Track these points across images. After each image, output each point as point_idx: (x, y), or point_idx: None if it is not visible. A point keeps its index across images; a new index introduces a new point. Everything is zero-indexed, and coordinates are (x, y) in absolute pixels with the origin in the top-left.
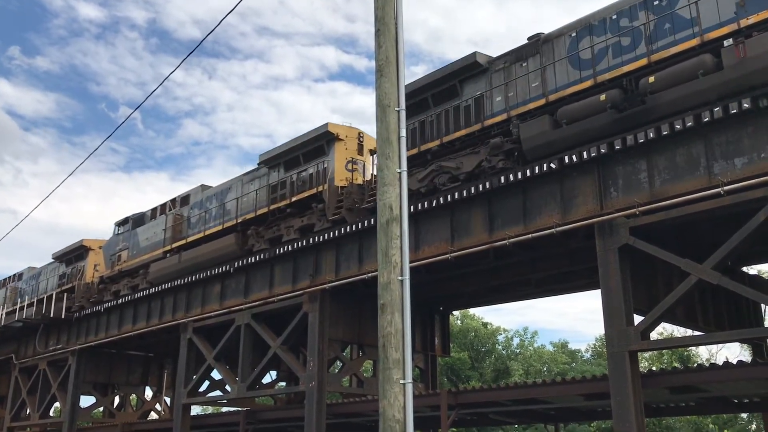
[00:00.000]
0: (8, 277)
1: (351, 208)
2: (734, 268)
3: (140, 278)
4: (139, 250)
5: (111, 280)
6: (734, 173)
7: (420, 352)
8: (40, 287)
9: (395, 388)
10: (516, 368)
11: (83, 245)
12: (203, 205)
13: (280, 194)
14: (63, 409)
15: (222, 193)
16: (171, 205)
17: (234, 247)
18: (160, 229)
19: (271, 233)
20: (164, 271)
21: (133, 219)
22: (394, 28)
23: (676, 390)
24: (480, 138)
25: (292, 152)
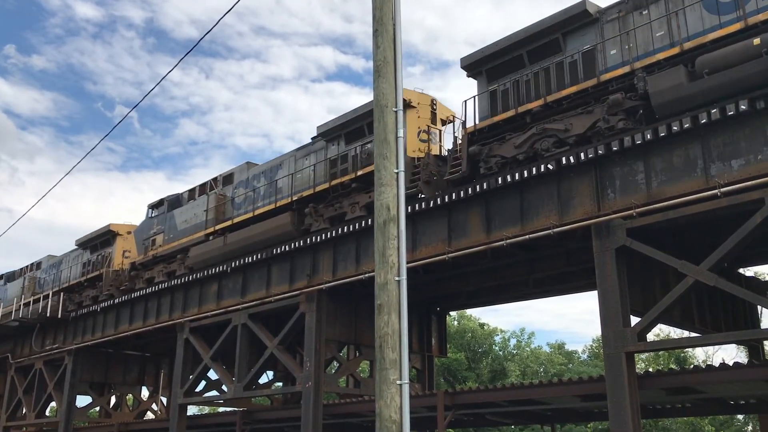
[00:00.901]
0: (26, 266)
1: (429, 181)
2: (731, 269)
3: (178, 263)
4: (177, 233)
5: (144, 266)
6: (731, 175)
7: (417, 352)
8: (62, 276)
9: (392, 389)
10: (513, 369)
11: (110, 230)
12: (249, 184)
13: (341, 169)
14: (59, 409)
15: (272, 170)
16: (212, 185)
17: (289, 226)
18: (201, 210)
19: (331, 211)
20: (207, 254)
21: (168, 200)
22: (391, 28)
23: (673, 391)
24: (593, 96)
25: (355, 123)
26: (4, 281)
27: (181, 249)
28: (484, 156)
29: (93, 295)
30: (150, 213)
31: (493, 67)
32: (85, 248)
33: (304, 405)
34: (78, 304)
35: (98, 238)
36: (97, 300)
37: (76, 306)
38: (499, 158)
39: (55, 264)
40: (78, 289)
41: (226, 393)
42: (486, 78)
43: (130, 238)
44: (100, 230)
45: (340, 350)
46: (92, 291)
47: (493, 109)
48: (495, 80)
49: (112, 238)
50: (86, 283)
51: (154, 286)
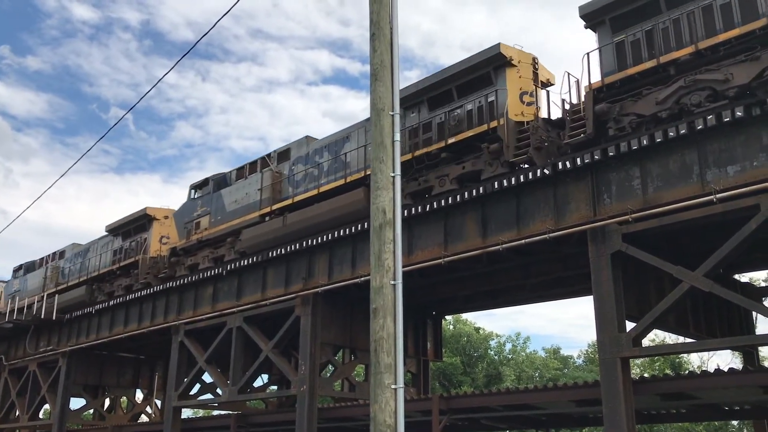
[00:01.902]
0: (47, 256)
1: (539, 147)
2: (726, 275)
3: (227, 247)
4: (225, 215)
5: (186, 251)
6: (726, 181)
7: (412, 356)
8: (91, 264)
9: (386, 393)
10: (508, 374)
11: (147, 214)
12: (310, 160)
13: (425, 138)
14: (52, 411)
15: (337, 144)
16: (266, 162)
17: (363, 203)
18: (254, 189)
19: (413, 186)
20: (263, 237)
21: (214, 180)
22: (388, 32)
23: (668, 397)
24: (760, 39)
25: (441, 86)
26: (24, 272)
27: (231, 232)
28: (614, 115)
29: (126, 284)
30: (192, 194)
31: (619, 15)
32: (116, 234)
33: (298, 408)
34: (109, 295)
35: (132, 224)
36: (131, 289)
37: (106, 296)
38: (634, 117)
39: (81, 252)
40: (109, 278)
41: (221, 396)
42: (610, 28)
43: (167, 223)
44: (135, 215)
45: (335, 354)
46: (125, 280)
47: (620, 62)
48: (622, 30)
49: (148, 223)
50: (119, 272)
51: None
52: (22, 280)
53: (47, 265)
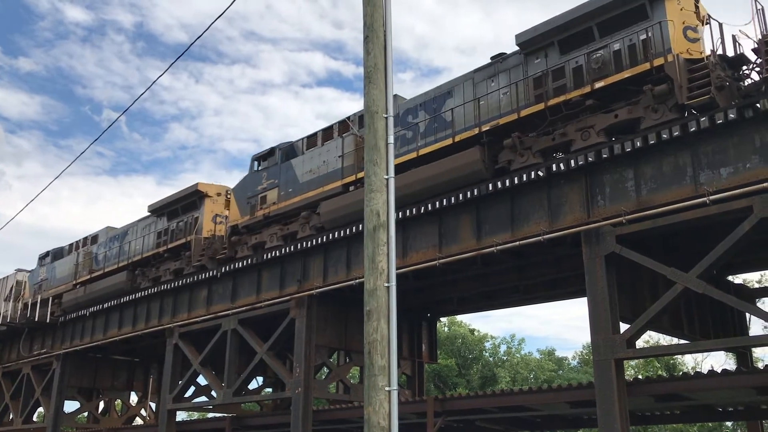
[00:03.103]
0: (77, 241)
1: (721, 86)
2: (719, 277)
3: (299, 223)
4: (298, 186)
5: (250, 229)
6: (720, 183)
7: (407, 358)
8: (132, 248)
9: (380, 395)
10: (503, 375)
11: (198, 191)
12: (401, 120)
13: (556, 87)
14: (46, 414)
15: (436, 101)
16: (346, 126)
17: (479, 164)
18: (333, 156)
19: (546, 142)
20: (347, 208)
21: (282, 149)
22: (382, 35)
23: (662, 398)
24: None
25: (575, 26)
26: (51, 259)
27: (306, 205)
28: None
29: (176, 268)
30: (256, 166)
31: None
32: (159, 215)
33: (293, 411)
34: (154, 280)
35: (180, 202)
36: (180, 273)
37: (151, 282)
38: None
39: (118, 236)
40: (154, 262)
41: (216, 399)
42: None
43: (220, 200)
44: (184, 191)
45: (330, 356)
46: (174, 263)
47: None
48: None
49: (199, 201)
50: (166, 255)
51: (143, 291)
52: (49, 268)
53: (78, 251)
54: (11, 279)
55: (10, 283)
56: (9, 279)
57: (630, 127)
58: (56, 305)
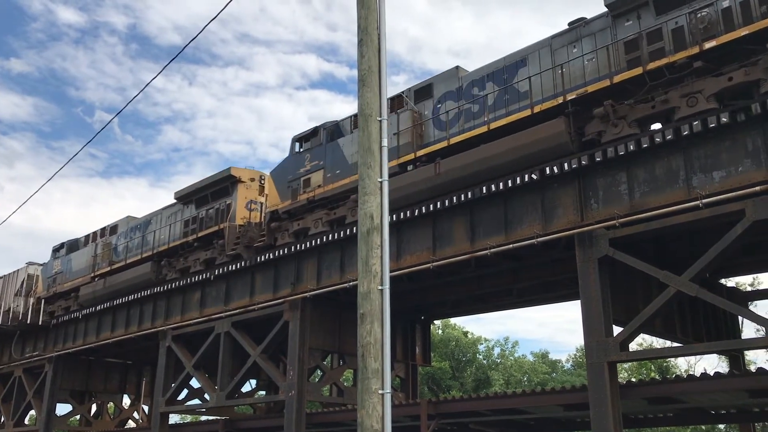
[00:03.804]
0: (94, 232)
1: None
2: (712, 280)
3: (348, 207)
4: (347, 168)
5: (291, 214)
6: (712, 186)
7: (401, 361)
8: (156, 238)
9: (374, 398)
10: (497, 378)
11: (231, 175)
12: (465, 94)
13: (652, 50)
14: (38, 417)
15: (507, 71)
16: (400, 101)
17: (564, 137)
18: (391, 133)
19: (644, 110)
20: (405, 189)
21: (327, 129)
22: (376, 38)
23: (655, 401)
24: None
25: None
26: (66, 251)
27: (356, 186)
28: None
29: (207, 258)
30: (297, 147)
31: None
32: (186, 202)
33: (287, 414)
34: (182, 271)
35: (210, 188)
36: (212, 263)
37: (178, 274)
38: None
39: (140, 226)
40: (183, 252)
41: (209, 401)
42: None
43: (254, 186)
44: (215, 177)
45: (323, 359)
46: (204, 253)
47: None
48: None
49: (232, 186)
50: (196, 244)
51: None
52: (64, 261)
53: (96, 242)
54: (22, 273)
55: (21, 277)
56: (20, 273)
57: (745, 91)
58: (72, 299)
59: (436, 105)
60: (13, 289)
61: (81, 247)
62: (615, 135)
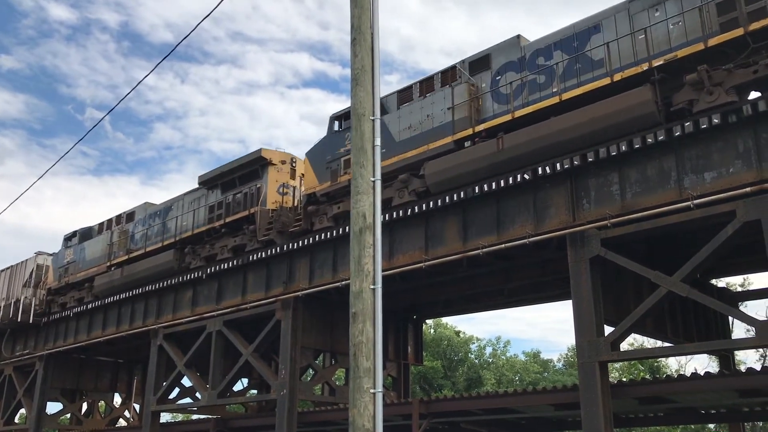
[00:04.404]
0: (109, 219)
1: None
2: (703, 280)
3: (395, 188)
4: (394, 146)
5: (331, 197)
6: (704, 187)
7: (393, 360)
8: (178, 225)
9: (365, 397)
10: (488, 377)
11: (262, 157)
12: (527, 65)
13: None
14: (29, 416)
15: (579, 38)
16: (454, 74)
17: (650, 106)
18: (440, 109)
19: (744, 75)
20: (462, 167)
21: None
22: (369, 37)
23: (645, 400)
24: None
25: None
26: (79, 240)
27: (406, 166)
28: None
29: (235, 245)
30: (336, 126)
31: None
32: (211, 187)
33: (278, 413)
34: (206, 259)
35: (237, 171)
36: (241, 250)
37: (203, 261)
38: None
39: (160, 212)
40: (208, 238)
41: (200, 400)
42: None
43: (285, 169)
44: (244, 159)
45: (315, 358)
46: (232, 239)
47: None
48: None
49: (262, 169)
50: (224, 230)
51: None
52: (77, 250)
53: (112, 230)
54: (30, 263)
55: (30, 268)
56: (28, 263)
57: None
58: (86, 290)
59: (495, 77)
60: (21, 280)
61: (95, 235)
62: (709, 103)
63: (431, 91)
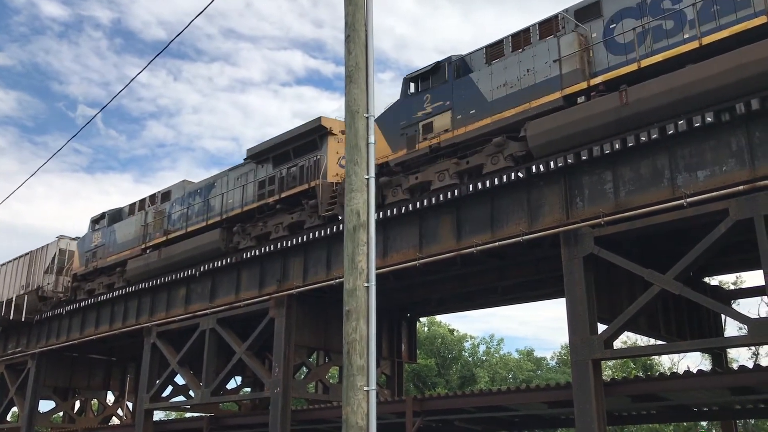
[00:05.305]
0: (141, 200)
1: None
2: (696, 278)
3: (488, 153)
4: (486, 106)
5: (405, 166)
6: (697, 185)
7: (387, 358)
8: (225, 202)
9: (359, 395)
10: (482, 375)
11: (322, 126)
12: (653, 9)
13: None
14: (21, 414)
15: None
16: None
17: None
18: (543, 62)
19: None
20: (573, 127)
21: (453, 62)
22: (363, 34)
23: (638, 398)
24: None
25: None
26: (108, 222)
27: (501, 128)
28: None
29: (292, 222)
30: (413, 87)
31: None
32: (261, 161)
33: (272, 411)
34: (258, 239)
35: (293, 143)
36: (299, 228)
37: (253, 241)
38: None
39: (201, 190)
40: (261, 215)
41: (194, 398)
42: None
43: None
44: (301, 128)
45: (309, 356)
46: (289, 216)
47: None
48: None
49: (321, 140)
50: (278, 206)
51: (120, 290)
52: (106, 232)
53: (146, 210)
54: (52, 248)
55: (52, 253)
56: (49, 248)
57: None
58: (117, 275)
59: (609, 25)
60: (42, 266)
61: (126, 216)
62: None
63: (528, 44)
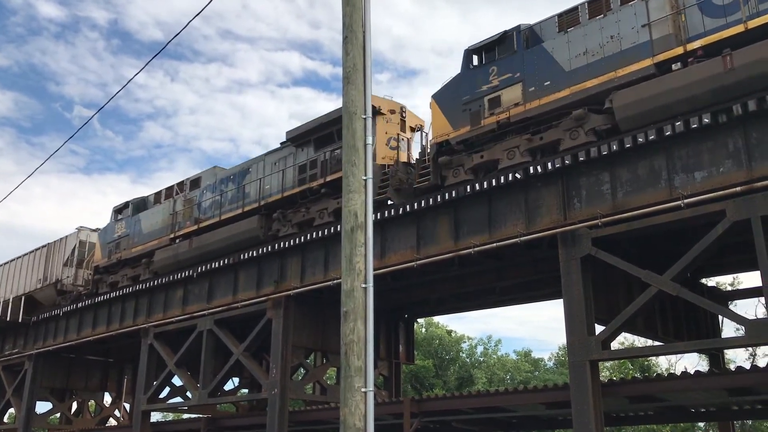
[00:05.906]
0: (168, 188)
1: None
2: (693, 279)
3: (566, 128)
4: (563, 76)
5: (468, 144)
6: (694, 186)
7: (384, 359)
8: (262, 188)
9: (356, 396)
10: (480, 376)
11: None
12: None
13: None
14: (18, 415)
15: None
16: None
17: None
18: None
19: None
20: (669, 96)
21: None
22: (361, 35)
23: (636, 399)
24: None
25: None
26: (132, 211)
27: (582, 100)
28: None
29: (338, 207)
30: (476, 60)
31: None
32: (301, 144)
33: (269, 412)
34: (299, 225)
35: (337, 123)
36: None
37: (295, 228)
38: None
39: (234, 176)
40: (304, 201)
41: (191, 399)
42: None
43: (395, 120)
44: None
45: (306, 357)
46: (334, 201)
47: None
48: None
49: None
50: (323, 190)
51: (118, 291)
52: (131, 222)
53: (174, 199)
54: (72, 239)
55: (72, 244)
56: (69, 239)
57: None
58: (143, 266)
59: None
60: (61, 258)
61: (151, 205)
62: None
63: (609, 10)
